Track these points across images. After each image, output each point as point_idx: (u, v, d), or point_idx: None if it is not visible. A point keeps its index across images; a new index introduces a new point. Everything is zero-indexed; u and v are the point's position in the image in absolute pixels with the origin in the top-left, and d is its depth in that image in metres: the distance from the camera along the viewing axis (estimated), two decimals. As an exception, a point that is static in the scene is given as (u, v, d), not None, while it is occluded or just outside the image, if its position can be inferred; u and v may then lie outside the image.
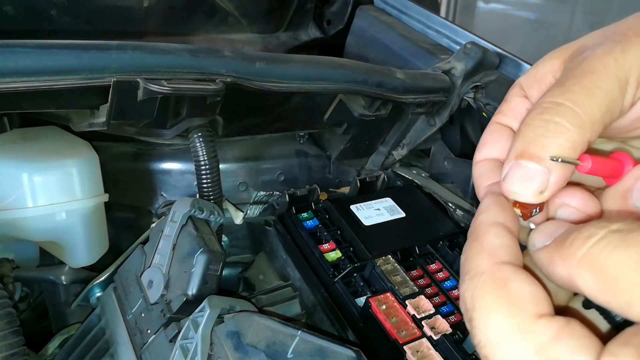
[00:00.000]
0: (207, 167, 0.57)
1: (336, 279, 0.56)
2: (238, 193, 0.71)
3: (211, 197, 0.58)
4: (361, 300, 0.54)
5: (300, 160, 0.75)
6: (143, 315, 0.52)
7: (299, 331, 0.43)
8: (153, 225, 0.57)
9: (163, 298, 0.50)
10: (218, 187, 0.58)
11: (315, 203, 0.65)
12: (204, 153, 0.56)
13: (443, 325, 0.50)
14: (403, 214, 0.66)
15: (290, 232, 0.62)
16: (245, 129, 0.64)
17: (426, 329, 0.49)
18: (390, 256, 0.58)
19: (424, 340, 0.48)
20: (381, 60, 0.84)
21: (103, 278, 0.62)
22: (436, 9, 1.20)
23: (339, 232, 0.61)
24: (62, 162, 0.56)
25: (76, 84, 0.43)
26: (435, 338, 0.48)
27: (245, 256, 0.72)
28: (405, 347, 0.47)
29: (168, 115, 0.52)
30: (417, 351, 0.47)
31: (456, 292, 0.56)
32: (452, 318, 0.52)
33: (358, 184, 0.70)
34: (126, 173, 0.68)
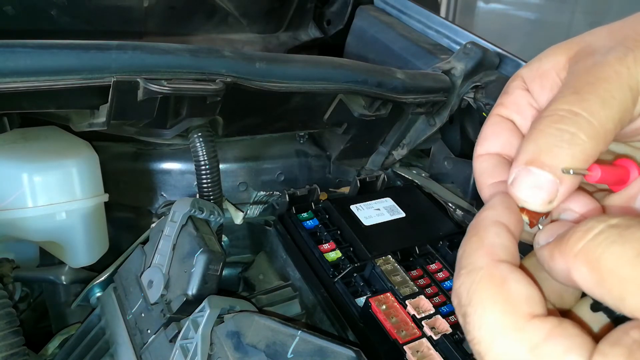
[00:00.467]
0: (207, 167, 0.57)
1: (336, 279, 0.56)
2: (238, 193, 0.71)
3: (211, 197, 0.58)
4: (361, 300, 0.54)
5: (300, 160, 0.75)
6: (143, 315, 0.51)
7: (299, 331, 0.43)
8: (153, 225, 0.57)
9: (163, 298, 0.50)
10: (218, 187, 0.58)
11: (315, 203, 0.65)
12: (204, 153, 0.56)
13: (443, 325, 0.50)
14: (403, 214, 0.66)
15: (290, 232, 0.62)
16: (245, 129, 0.64)
17: (426, 329, 0.49)
18: (390, 256, 0.58)
19: (424, 340, 0.48)
20: (381, 60, 0.84)
21: (103, 278, 0.62)
22: (436, 9, 1.21)
23: (339, 232, 0.61)
24: (62, 162, 0.56)
25: (76, 84, 0.43)
26: (435, 338, 0.48)
27: (245, 256, 0.72)
28: (405, 347, 0.47)
29: (168, 115, 0.52)
30: (417, 351, 0.47)
31: (456, 292, 0.56)
32: (452, 318, 0.52)
33: (358, 184, 0.70)
34: (126, 173, 0.68)
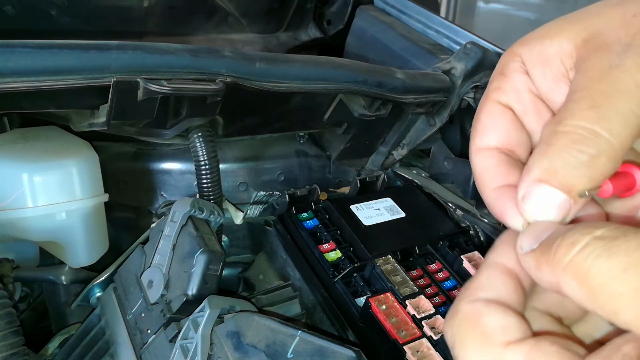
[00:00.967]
0: (207, 167, 0.57)
1: (336, 279, 0.56)
2: (238, 193, 0.71)
3: (211, 197, 0.58)
4: (361, 300, 0.54)
5: (300, 160, 0.75)
6: (143, 315, 0.51)
7: (299, 331, 0.43)
8: (153, 225, 0.57)
9: (163, 298, 0.50)
10: (218, 187, 0.58)
11: (315, 203, 0.65)
12: (204, 153, 0.56)
13: (443, 325, 0.50)
14: (403, 214, 0.66)
15: (290, 232, 0.62)
16: (245, 129, 0.64)
17: (426, 329, 0.49)
18: (390, 256, 0.58)
19: (424, 340, 0.48)
20: (381, 60, 0.83)
21: (103, 278, 0.62)
22: (436, 9, 1.20)
23: (339, 232, 0.61)
24: (62, 162, 0.56)
25: (76, 84, 0.43)
26: (435, 338, 0.48)
27: (245, 256, 0.72)
28: (405, 347, 0.47)
29: (168, 115, 0.52)
30: (417, 351, 0.47)
31: (456, 292, 0.56)
32: (452, 318, 0.52)
33: (358, 184, 0.70)
34: (126, 173, 0.68)
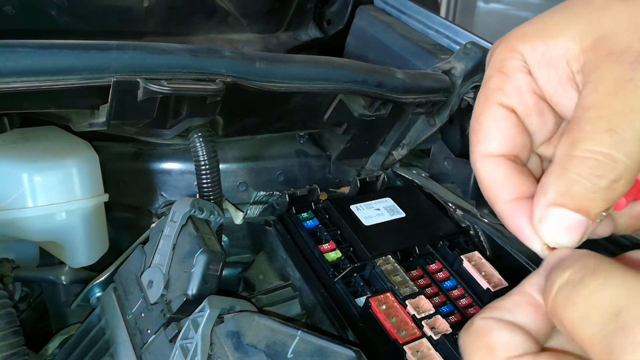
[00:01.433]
0: (207, 167, 0.57)
1: (336, 279, 0.56)
2: (238, 193, 0.71)
3: (211, 197, 0.58)
4: (361, 300, 0.54)
5: (300, 160, 0.75)
6: (143, 315, 0.51)
7: (299, 331, 0.43)
8: (153, 225, 0.57)
9: (163, 298, 0.50)
10: (218, 187, 0.58)
11: (315, 203, 0.65)
12: (204, 153, 0.56)
13: (443, 325, 0.50)
14: (403, 214, 0.66)
15: (290, 232, 0.62)
16: (245, 129, 0.64)
17: (426, 329, 0.49)
18: (390, 256, 0.58)
19: (424, 340, 0.48)
20: (381, 60, 0.83)
21: (103, 278, 0.62)
22: (436, 9, 1.20)
23: (339, 232, 0.61)
24: (62, 162, 0.56)
25: (76, 84, 0.43)
26: (435, 338, 0.48)
27: (245, 256, 0.72)
28: (405, 347, 0.47)
29: (168, 115, 0.52)
30: (417, 351, 0.47)
31: (456, 292, 0.56)
32: (452, 318, 0.52)
33: (358, 184, 0.70)
34: (126, 173, 0.68)
